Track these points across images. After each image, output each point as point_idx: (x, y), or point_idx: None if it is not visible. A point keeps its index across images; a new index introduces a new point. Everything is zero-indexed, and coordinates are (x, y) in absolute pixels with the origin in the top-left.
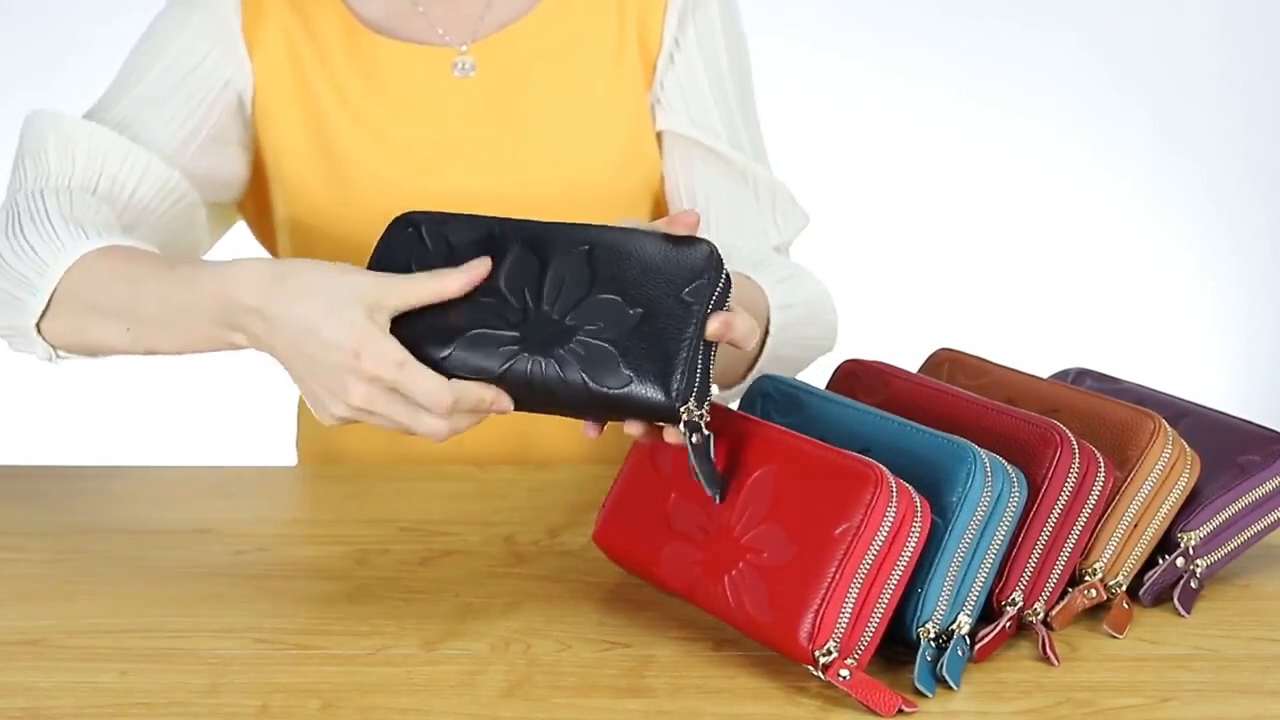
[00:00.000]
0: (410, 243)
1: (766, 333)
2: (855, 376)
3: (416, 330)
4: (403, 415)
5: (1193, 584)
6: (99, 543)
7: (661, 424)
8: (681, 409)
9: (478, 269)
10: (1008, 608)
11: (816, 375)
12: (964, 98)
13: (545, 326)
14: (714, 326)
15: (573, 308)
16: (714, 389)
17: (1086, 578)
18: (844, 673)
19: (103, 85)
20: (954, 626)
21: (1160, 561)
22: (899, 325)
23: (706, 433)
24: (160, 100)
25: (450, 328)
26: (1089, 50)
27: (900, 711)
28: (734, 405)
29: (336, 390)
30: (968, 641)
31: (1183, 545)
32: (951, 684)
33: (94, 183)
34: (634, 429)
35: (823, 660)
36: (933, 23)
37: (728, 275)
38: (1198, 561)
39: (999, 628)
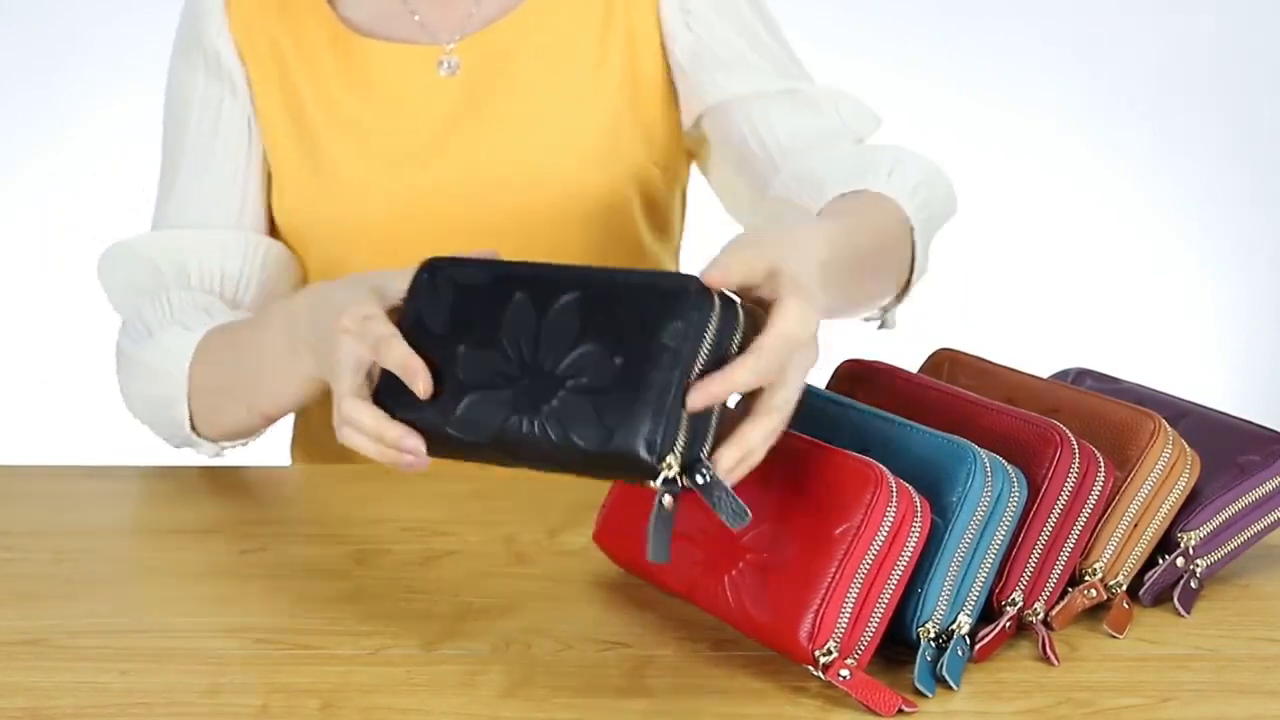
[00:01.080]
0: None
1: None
2: (855, 376)
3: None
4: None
5: (1193, 584)
6: (99, 543)
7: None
8: (661, 466)
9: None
10: (1008, 608)
11: (816, 375)
12: (964, 97)
13: (537, 381)
14: (695, 398)
15: (562, 358)
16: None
17: (1086, 578)
18: (844, 673)
19: (102, 85)
20: (954, 626)
21: (1160, 561)
22: (899, 325)
23: (673, 499)
24: (202, 176)
25: (456, 385)
26: (1089, 50)
27: (900, 711)
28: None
29: (333, 363)
30: (968, 641)
31: (1183, 545)
32: (951, 684)
33: (186, 282)
34: None
35: (823, 660)
36: (932, 22)
37: (735, 306)
38: (1198, 561)
39: (999, 628)
